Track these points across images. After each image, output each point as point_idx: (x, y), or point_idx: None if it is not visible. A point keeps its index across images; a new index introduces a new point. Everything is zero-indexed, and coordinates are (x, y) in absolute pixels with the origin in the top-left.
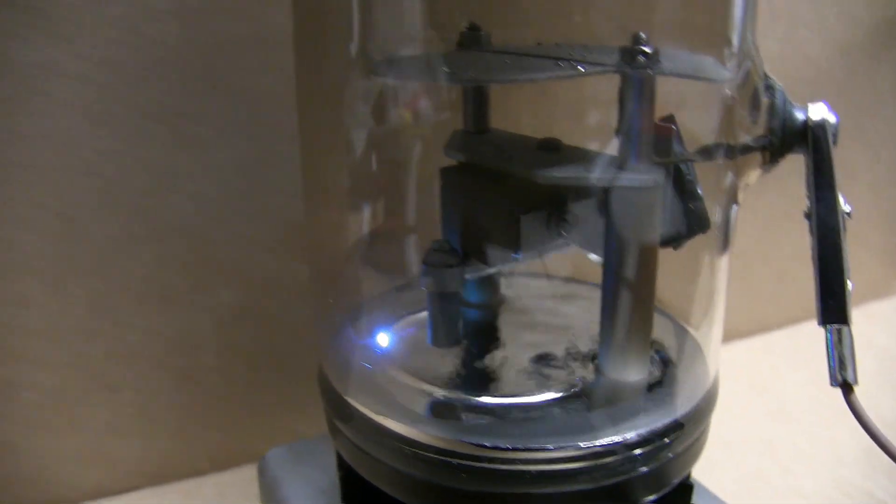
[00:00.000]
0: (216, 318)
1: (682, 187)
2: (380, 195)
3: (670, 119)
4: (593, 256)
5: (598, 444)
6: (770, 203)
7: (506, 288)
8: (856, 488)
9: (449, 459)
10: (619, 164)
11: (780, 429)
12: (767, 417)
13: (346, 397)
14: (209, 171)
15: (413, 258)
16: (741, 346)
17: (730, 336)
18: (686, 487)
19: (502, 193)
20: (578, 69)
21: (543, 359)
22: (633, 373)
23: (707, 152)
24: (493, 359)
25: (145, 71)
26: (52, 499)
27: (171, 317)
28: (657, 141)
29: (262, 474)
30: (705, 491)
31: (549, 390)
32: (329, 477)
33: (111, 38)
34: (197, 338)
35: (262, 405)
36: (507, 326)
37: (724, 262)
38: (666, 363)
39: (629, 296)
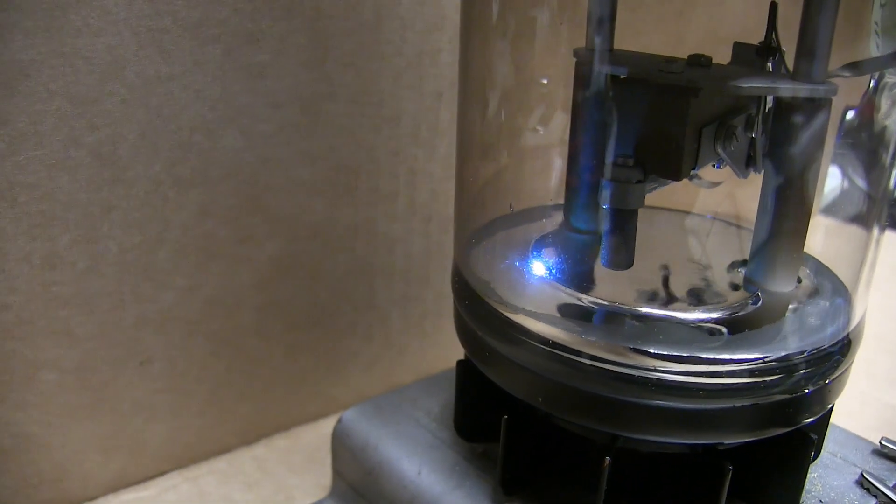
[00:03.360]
0: (257, 272)
1: None
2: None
3: None
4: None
5: (776, 356)
6: None
7: None
8: None
9: (626, 371)
10: (797, 76)
11: None
12: None
13: (511, 316)
14: (265, 102)
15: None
16: None
17: None
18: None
19: (683, 106)
20: None
21: (698, 276)
22: (787, 284)
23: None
24: (652, 276)
25: None
26: (72, 497)
27: (210, 272)
28: None
29: (344, 439)
30: None
31: (715, 306)
32: (426, 430)
33: None
34: (236, 295)
35: (299, 370)
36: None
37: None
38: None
39: (792, 208)
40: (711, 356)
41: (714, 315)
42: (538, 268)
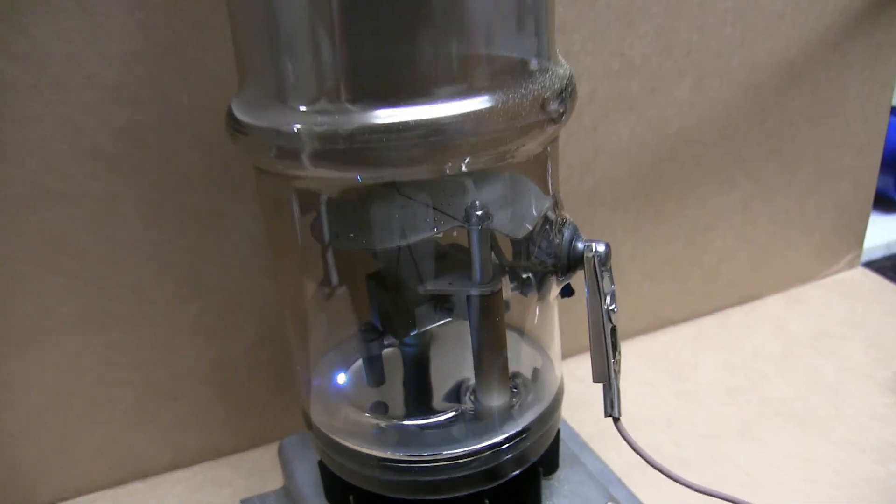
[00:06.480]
0: (245, 345)
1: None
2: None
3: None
4: None
5: (475, 447)
6: (693, 218)
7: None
8: (729, 459)
9: (371, 455)
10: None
11: (682, 408)
12: (674, 397)
13: (316, 423)
14: (231, 249)
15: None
16: (672, 333)
17: (662, 324)
18: (535, 472)
19: (405, 292)
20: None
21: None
22: (497, 399)
23: (517, 273)
24: (409, 392)
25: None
26: (139, 471)
27: (213, 346)
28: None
29: (280, 455)
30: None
31: (443, 414)
32: None
33: None
34: (232, 360)
35: (281, 408)
36: (430, 367)
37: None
38: (525, 386)
39: (487, 354)
40: (432, 453)
41: (437, 419)
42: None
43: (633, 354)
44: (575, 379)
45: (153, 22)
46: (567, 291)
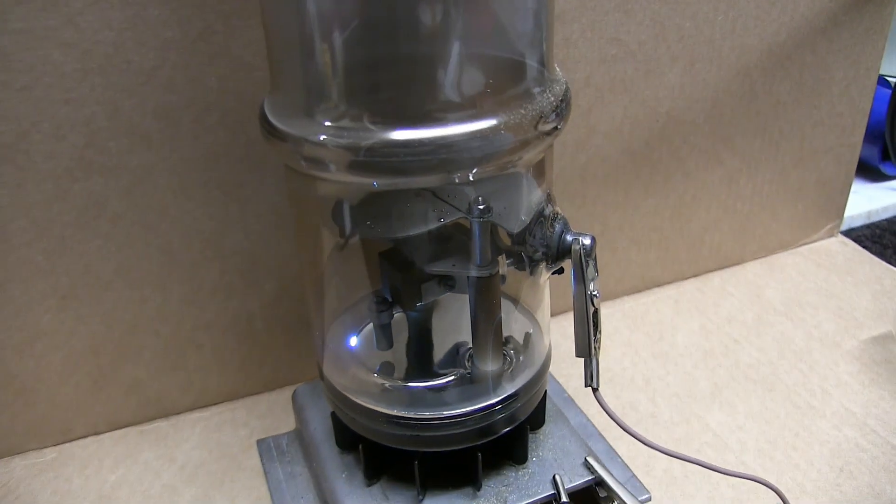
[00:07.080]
0: (262, 302)
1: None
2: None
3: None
4: None
5: (471, 408)
6: (680, 191)
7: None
8: (698, 418)
9: (380, 412)
10: (472, 260)
11: (659, 368)
12: (652, 358)
13: (329, 380)
14: (251, 217)
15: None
16: (655, 295)
17: (647, 285)
18: (523, 428)
19: (413, 269)
20: (448, 214)
21: (444, 354)
22: (492, 365)
23: (515, 259)
24: (414, 356)
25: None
26: (164, 410)
27: (233, 302)
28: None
29: (294, 402)
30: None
31: (443, 377)
32: None
33: None
34: (250, 314)
35: (294, 357)
36: (432, 334)
37: (543, 288)
38: (516, 352)
39: (484, 326)
40: (433, 412)
41: (439, 382)
42: (350, 354)
43: (618, 315)
44: (566, 336)
45: (186, 12)
46: (558, 271)
